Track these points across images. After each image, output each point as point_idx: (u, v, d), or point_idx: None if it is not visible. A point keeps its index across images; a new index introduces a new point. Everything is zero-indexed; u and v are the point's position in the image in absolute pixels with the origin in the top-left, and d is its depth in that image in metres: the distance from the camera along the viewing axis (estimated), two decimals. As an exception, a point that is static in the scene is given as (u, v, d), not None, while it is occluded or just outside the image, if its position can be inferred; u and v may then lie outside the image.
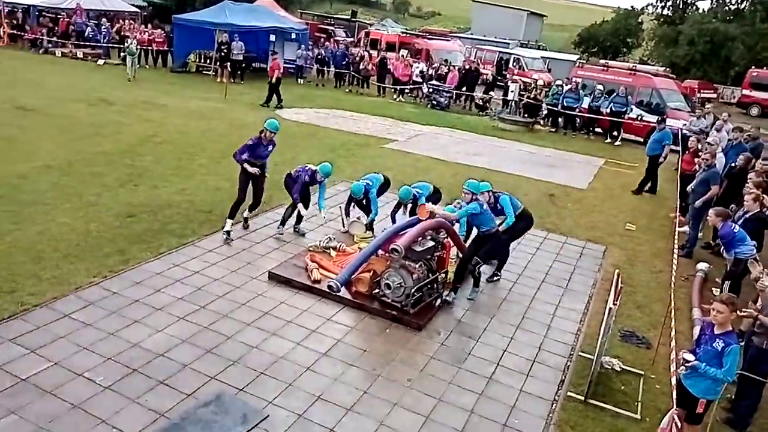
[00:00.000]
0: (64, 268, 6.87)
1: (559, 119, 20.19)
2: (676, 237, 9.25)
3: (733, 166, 10.51)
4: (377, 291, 6.84)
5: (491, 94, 23.56)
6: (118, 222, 8.33)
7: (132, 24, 27.67)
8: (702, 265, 8.49)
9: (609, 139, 19.04)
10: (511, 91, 21.18)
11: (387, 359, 5.88)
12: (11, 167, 10.12)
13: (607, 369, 6.01)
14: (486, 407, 5.33)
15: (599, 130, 19.80)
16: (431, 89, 22.94)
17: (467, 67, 23.80)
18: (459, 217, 7.20)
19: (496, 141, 17.45)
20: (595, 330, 6.45)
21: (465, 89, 23.11)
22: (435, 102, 22.51)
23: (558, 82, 21.21)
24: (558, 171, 14.33)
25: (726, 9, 41.19)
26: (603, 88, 19.82)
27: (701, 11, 43.06)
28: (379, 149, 14.57)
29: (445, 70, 23.73)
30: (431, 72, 24.21)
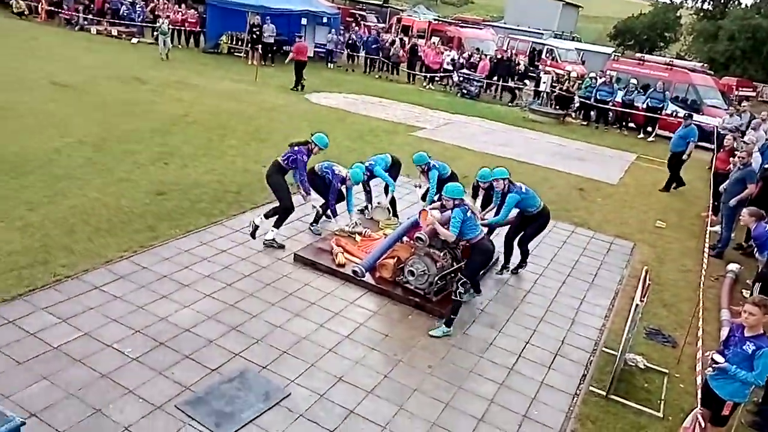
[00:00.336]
0: (95, 241, 7.03)
1: (592, 112, 19.89)
2: (707, 236, 9.09)
3: (767, 168, 10.25)
4: (401, 277, 6.85)
5: (526, 82, 23.27)
6: (148, 199, 8.47)
7: (166, 4, 27.88)
8: (733, 266, 8.35)
9: (642, 135, 18.70)
10: (543, 83, 20.91)
11: (408, 345, 5.90)
12: (47, 142, 10.35)
13: (631, 366, 5.95)
14: (506, 397, 5.33)
15: (632, 125, 19.46)
16: (462, 78, 22.77)
17: (499, 57, 23.54)
18: (454, 233, 6.15)
19: (525, 132, 17.27)
20: (620, 326, 6.38)
21: (496, 79, 22.86)
22: (465, 91, 22.35)
23: (591, 74, 20.88)
24: (588, 165, 14.13)
25: (771, 5, 39.94)
26: (637, 82, 19.46)
27: (744, 6, 41.77)
28: (408, 136, 14.51)
29: (477, 58, 23.52)
30: (462, 60, 24.02)
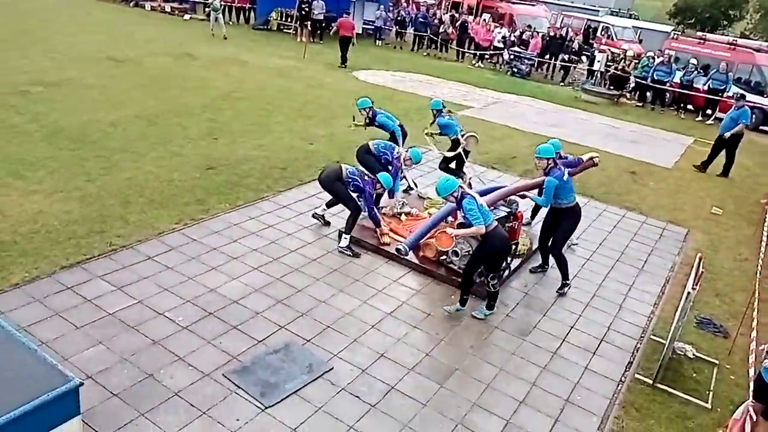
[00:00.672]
0: (148, 213, 7.27)
1: (648, 93, 19.18)
2: (766, 224, 8.69)
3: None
4: (444, 257, 6.83)
5: (583, 58, 22.56)
6: (198, 173, 8.68)
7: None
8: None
9: (701, 117, 17.93)
10: (598, 62, 20.19)
11: (450, 325, 5.90)
12: (103, 115, 10.71)
13: (680, 355, 5.79)
14: (548, 381, 5.28)
15: (691, 107, 18.67)
16: (512, 56, 22.27)
17: (552, 34, 22.89)
18: (478, 223, 5.64)
19: (577, 113, 16.81)
20: (669, 314, 6.21)
21: (548, 57, 22.26)
22: (516, 69, 21.88)
23: (649, 53, 20.06)
24: (642, 147, 13.67)
25: None
26: (697, 62, 18.59)
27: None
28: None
29: (529, 36, 22.93)
30: (513, 38, 23.45)
